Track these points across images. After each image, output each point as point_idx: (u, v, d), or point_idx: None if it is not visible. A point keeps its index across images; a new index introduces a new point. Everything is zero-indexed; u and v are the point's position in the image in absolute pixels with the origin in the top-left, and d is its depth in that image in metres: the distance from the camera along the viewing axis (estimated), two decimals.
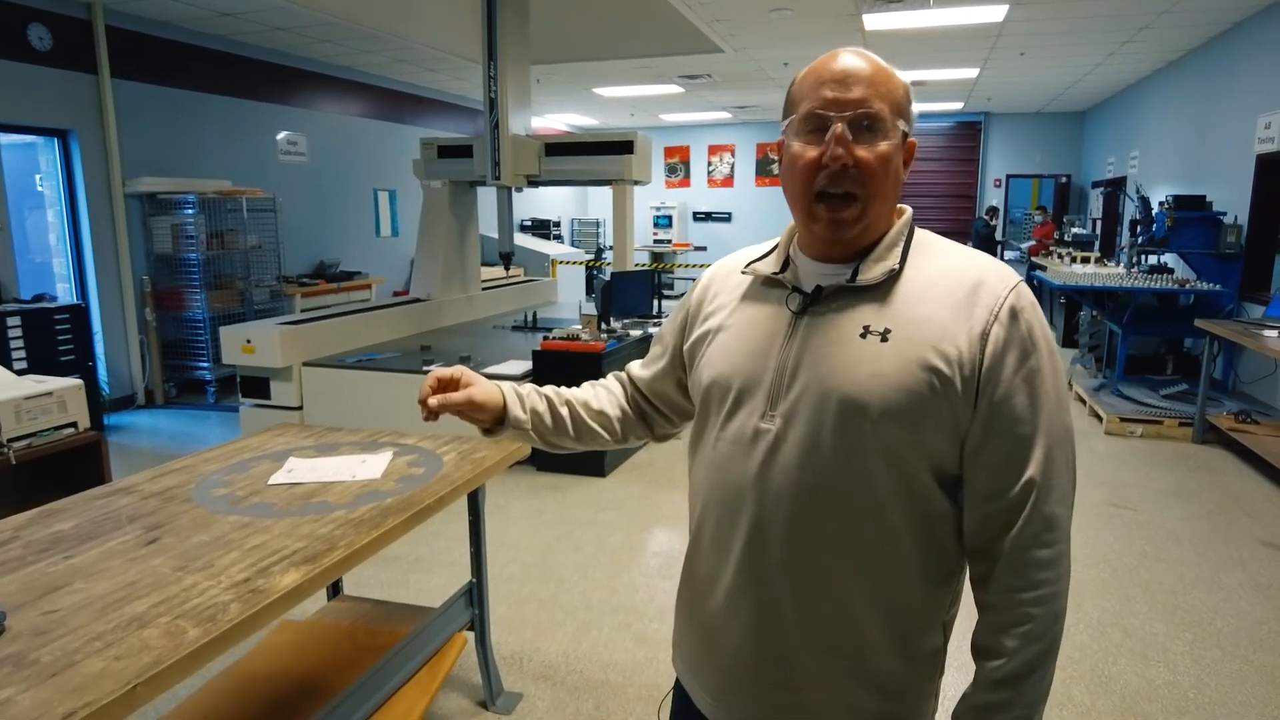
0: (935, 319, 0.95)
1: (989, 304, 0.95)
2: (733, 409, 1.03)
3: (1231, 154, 6.38)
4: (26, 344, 5.07)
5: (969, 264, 1.00)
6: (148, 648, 1.25)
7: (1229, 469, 4.72)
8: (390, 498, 1.91)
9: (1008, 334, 0.94)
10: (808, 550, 0.98)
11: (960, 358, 0.93)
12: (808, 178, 0.97)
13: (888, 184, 0.97)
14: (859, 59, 0.97)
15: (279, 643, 2.36)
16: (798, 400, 0.97)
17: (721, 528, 1.04)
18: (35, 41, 5.47)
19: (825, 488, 0.96)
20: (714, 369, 1.07)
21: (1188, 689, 2.58)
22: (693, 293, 1.20)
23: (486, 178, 5.74)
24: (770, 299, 1.06)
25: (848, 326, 0.97)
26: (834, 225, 0.98)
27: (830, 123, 0.95)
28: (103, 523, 1.77)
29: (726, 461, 1.03)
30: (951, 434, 0.95)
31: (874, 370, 0.94)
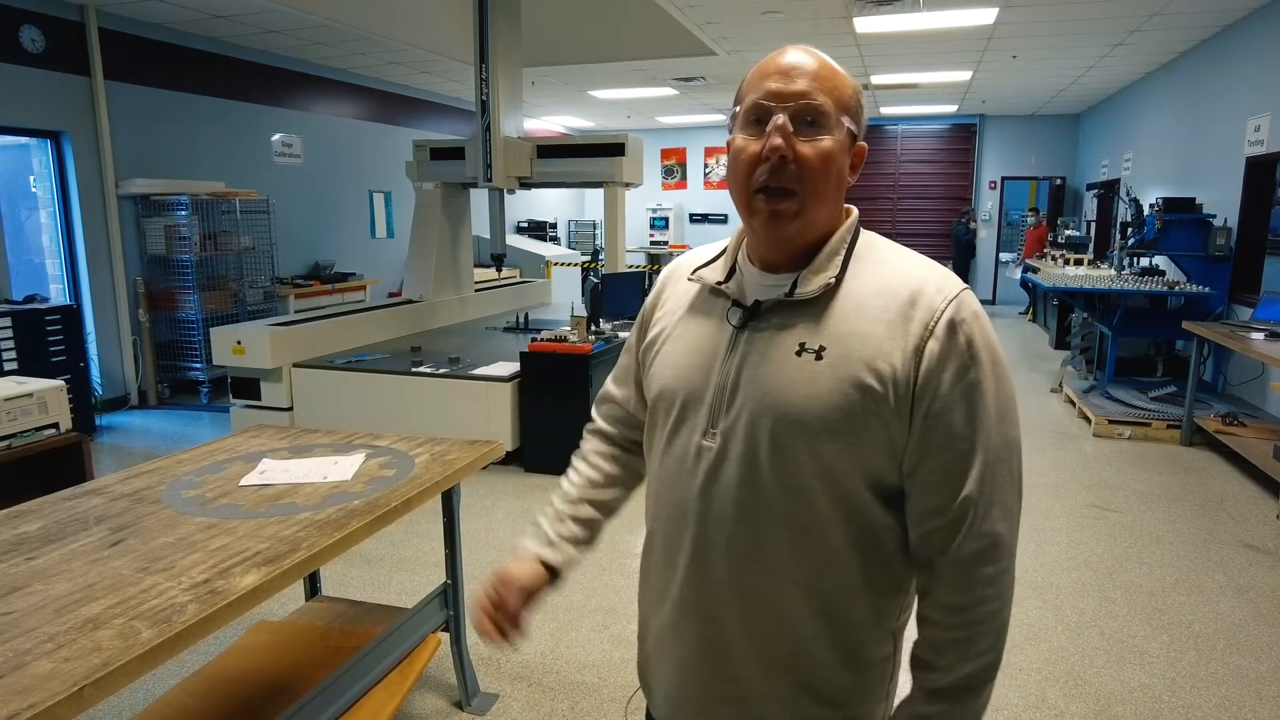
0: (870, 335, 0.93)
1: (924, 319, 0.92)
2: (676, 424, 1.02)
3: (1222, 156, 6.38)
4: (17, 345, 5.09)
5: (908, 274, 0.96)
6: (99, 649, 1.26)
7: (1215, 471, 4.73)
8: (358, 500, 1.92)
9: (944, 348, 0.91)
10: (750, 569, 0.98)
11: (895, 375, 0.91)
12: (748, 171, 0.95)
13: (829, 183, 0.95)
14: (806, 55, 0.96)
15: (253, 643, 2.37)
16: (736, 419, 0.96)
17: (669, 543, 1.04)
18: (28, 43, 5.49)
19: (765, 507, 0.96)
20: (660, 381, 1.06)
21: (1162, 691, 2.59)
22: (649, 297, 1.18)
23: (478, 179, 5.77)
24: (714, 310, 1.04)
25: (784, 344, 0.96)
26: (772, 218, 0.95)
27: (773, 114, 0.93)
28: (69, 524, 1.78)
29: (672, 478, 1.03)
30: (887, 451, 0.93)
31: (808, 390, 0.93)
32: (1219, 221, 6.11)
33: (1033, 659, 2.76)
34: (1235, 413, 5.11)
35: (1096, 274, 7.16)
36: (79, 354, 5.49)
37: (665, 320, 1.10)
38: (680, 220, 14.00)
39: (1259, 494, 4.34)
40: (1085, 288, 6.19)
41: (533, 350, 4.70)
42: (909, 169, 12.80)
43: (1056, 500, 4.25)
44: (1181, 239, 6.21)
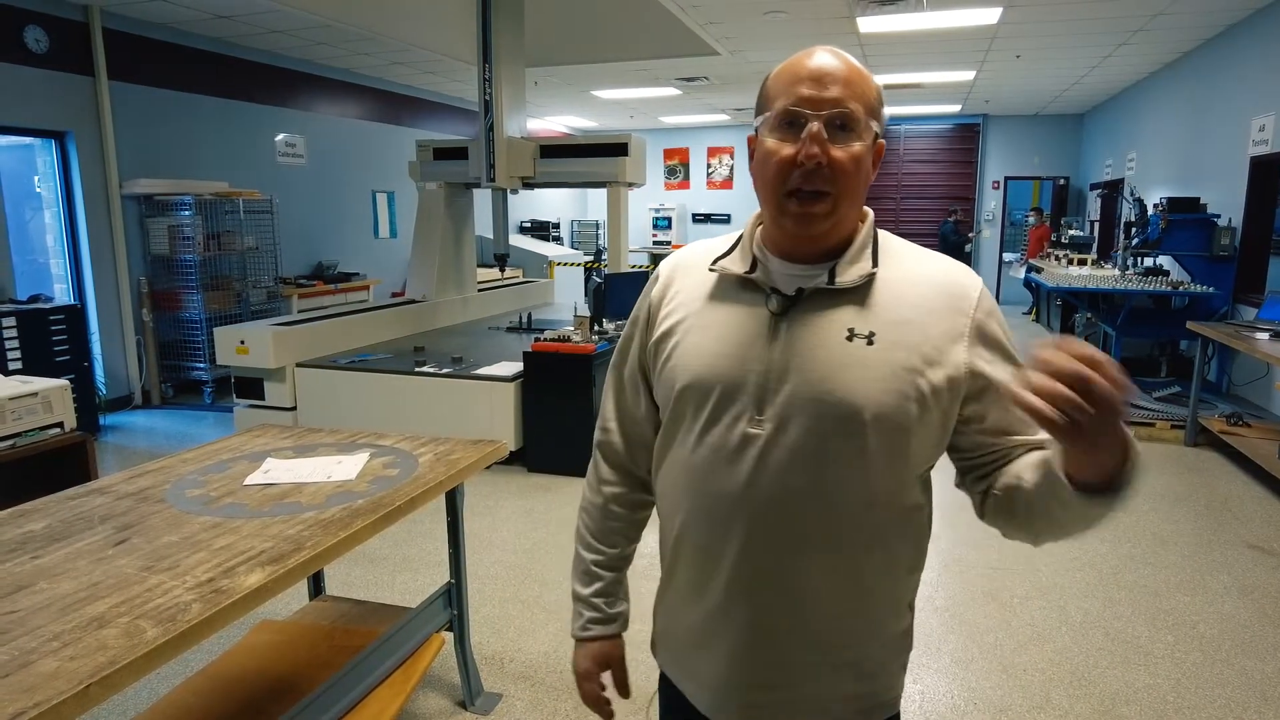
0: (916, 322, 0.98)
1: (964, 307, 0.99)
2: (715, 413, 1.01)
3: (1226, 156, 6.37)
4: (21, 344, 5.10)
5: (936, 266, 1.03)
6: (104, 647, 1.26)
7: (1219, 472, 4.71)
8: (362, 499, 1.92)
9: (983, 333, 0.99)
10: (800, 555, 1.00)
11: (943, 360, 0.97)
12: (781, 175, 0.97)
13: (859, 184, 0.98)
14: (835, 58, 0.98)
15: (257, 642, 2.37)
16: (788, 404, 0.97)
17: (710, 535, 1.03)
18: (32, 44, 5.50)
19: (818, 492, 0.98)
20: (689, 372, 1.04)
21: (1167, 692, 2.58)
22: (651, 290, 1.16)
23: (481, 180, 5.77)
24: (743, 299, 1.04)
25: (831, 329, 0.98)
26: (804, 219, 0.98)
27: (806, 120, 0.95)
28: (74, 523, 1.79)
29: (709, 469, 1.02)
30: (932, 433, 0.99)
31: (863, 374, 0.96)
32: (1223, 221, 6.10)
33: (1037, 660, 2.76)
34: (1240, 413, 5.10)
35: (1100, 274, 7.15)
36: (83, 354, 5.50)
37: (680, 312, 1.08)
38: (683, 220, 13.99)
39: (1264, 494, 4.33)
40: (1089, 288, 6.18)
41: (536, 350, 4.70)
42: (912, 169, 12.79)
43: None
44: (1185, 239, 6.20)
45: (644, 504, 1.24)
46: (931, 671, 2.69)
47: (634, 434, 1.20)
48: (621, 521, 1.24)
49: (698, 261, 1.11)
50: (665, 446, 1.10)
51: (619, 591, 1.24)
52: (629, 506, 1.24)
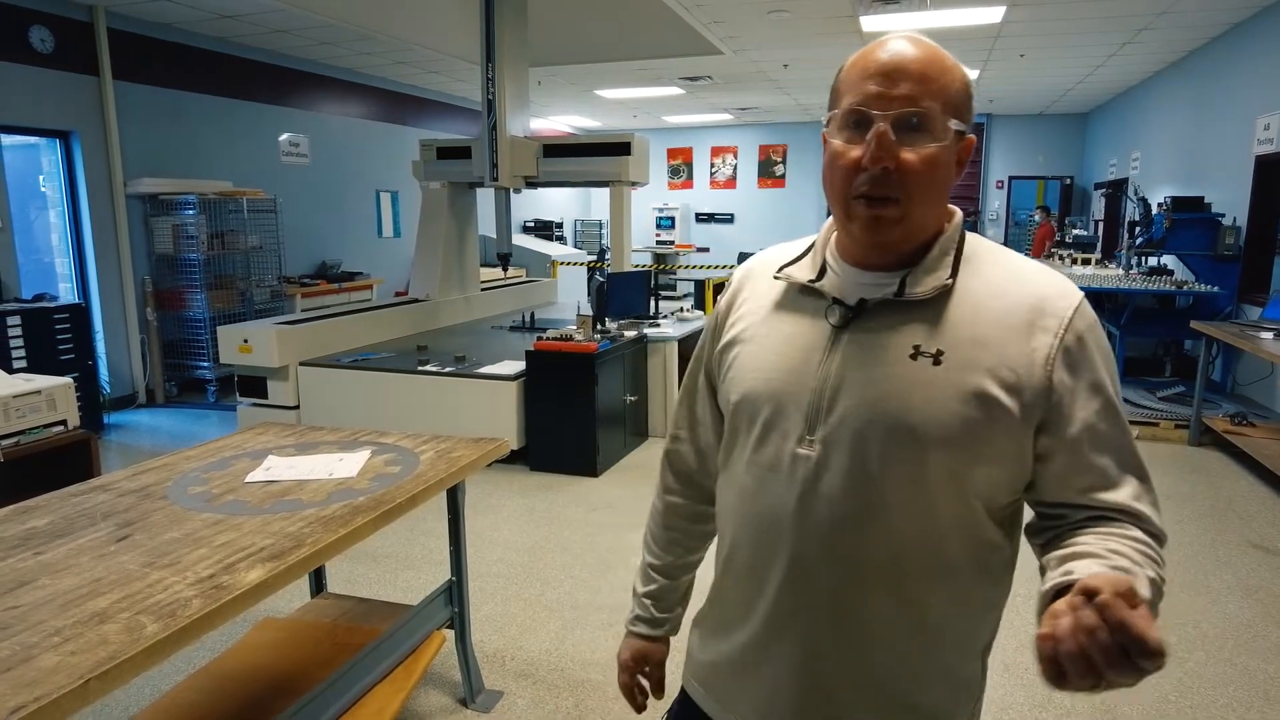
0: (992, 341, 0.87)
1: (1053, 327, 0.87)
2: (765, 431, 0.96)
3: (1230, 155, 6.35)
4: (26, 343, 5.12)
5: (1028, 279, 0.91)
6: (105, 642, 1.27)
7: (1223, 471, 4.70)
8: (362, 496, 1.93)
9: (1074, 358, 0.87)
10: (851, 584, 0.92)
11: (1021, 385, 0.86)
12: (847, 178, 0.89)
13: (934, 188, 0.89)
14: (912, 47, 0.88)
15: (259, 640, 2.37)
16: (840, 424, 0.90)
17: (757, 558, 0.98)
18: (37, 43, 5.53)
19: (871, 520, 0.90)
20: (743, 385, 0.99)
21: (1169, 691, 2.58)
22: (723, 297, 1.11)
23: (484, 179, 5.78)
24: (806, 309, 0.97)
25: (896, 345, 0.90)
26: (872, 224, 0.90)
27: (873, 120, 0.86)
28: (77, 519, 1.79)
29: (760, 489, 0.96)
30: (1006, 465, 0.89)
31: (927, 395, 0.87)
32: (1228, 221, 6.08)
33: None
34: (1244, 413, 5.09)
35: (1104, 273, 7.13)
36: (87, 352, 5.52)
37: (745, 321, 1.03)
38: (686, 220, 14.00)
39: (1268, 494, 4.31)
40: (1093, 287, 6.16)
41: (538, 349, 4.70)
42: None
43: None
44: (1190, 238, 6.18)
45: (707, 516, 1.17)
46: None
47: (703, 442, 1.15)
48: (680, 532, 1.21)
49: (768, 268, 1.05)
50: (724, 464, 1.06)
51: (672, 598, 1.23)
52: (690, 518, 1.20)
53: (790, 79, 9.15)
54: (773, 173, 13.65)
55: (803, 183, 13.50)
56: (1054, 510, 0.92)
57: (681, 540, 1.22)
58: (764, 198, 13.77)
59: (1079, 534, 0.87)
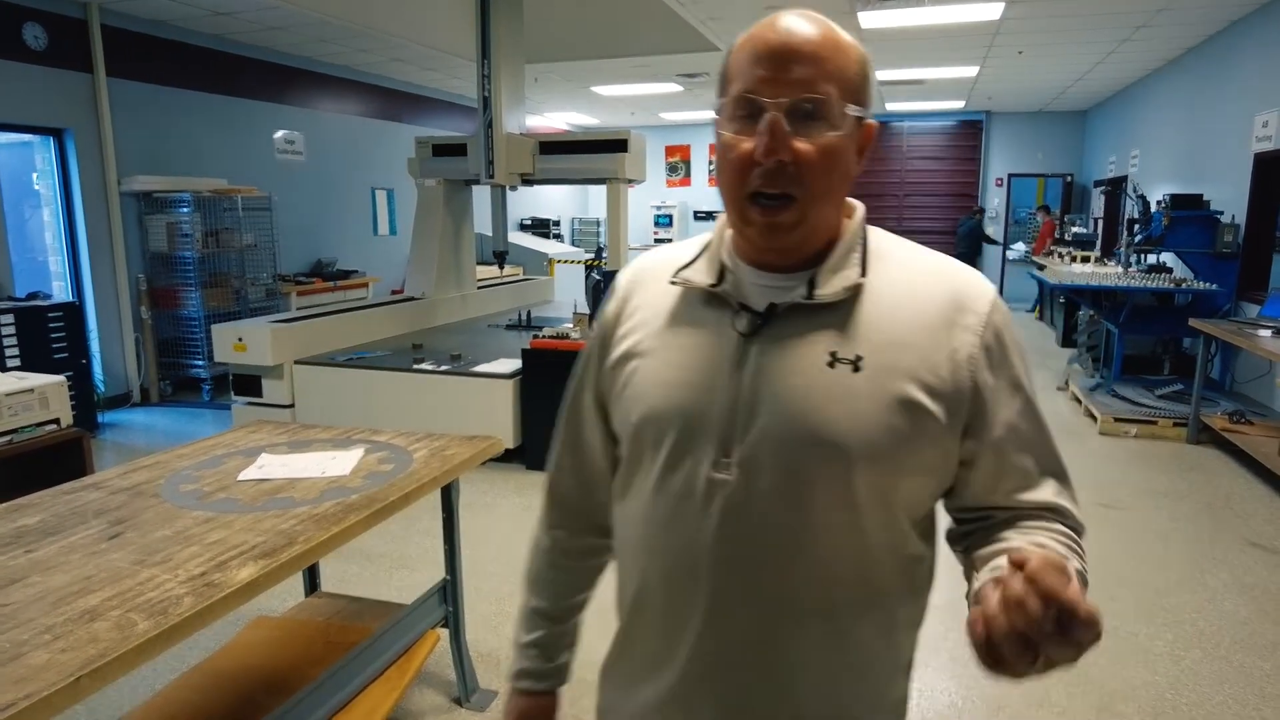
0: (911, 343, 0.82)
1: (973, 324, 0.83)
2: (674, 455, 0.85)
3: (1229, 153, 6.35)
4: (20, 341, 5.10)
5: (941, 273, 0.87)
6: (95, 640, 1.26)
7: (1221, 469, 4.70)
8: (355, 494, 1.92)
9: (994, 355, 0.84)
10: (782, 623, 0.84)
11: (944, 387, 0.81)
12: (739, 174, 0.81)
13: (833, 181, 0.82)
14: (804, 25, 0.80)
15: (252, 639, 2.36)
16: (759, 444, 0.82)
17: (672, 598, 0.88)
18: (31, 41, 5.50)
19: (800, 547, 0.83)
20: (645, 404, 0.88)
21: (1165, 689, 2.57)
22: (607, 306, 1.00)
23: (480, 176, 5.76)
24: (707, 317, 0.88)
25: (810, 353, 0.82)
26: (769, 231, 0.83)
27: (764, 109, 0.78)
28: (68, 517, 1.78)
29: (672, 519, 0.86)
30: (936, 474, 0.86)
31: (849, 407, 0.80)
32: (1226, 218, 6.08)
33: None
34: (1242, 410, 5.08)
35: (1103, 271, 7.13)
36: (81, 351, 5.50)
37: (639, 332, 0.92)
38: (684, 217, 13.98)
39: (1266, 492, 4.31)
40: (1091, 285, 6.16)
41: (534, 347, 4.69)
42: (915, 166, 12.77)
43: None
44: (1189, 236, 6.17)
45: (598, 550, 1.07)
46: (930, 669, 2.68)
47: (591, 471, 1.03)
48: (568, 572, 1.09)
49: (659, 272, 0.94)
50: (622, 492, 0.94)
51: (561, 644, 1.11)
52: (579, 555, 1.08)
53: None
54: None
55: None
56: (976, 514, 0.89)
57: (570, 579, 1.09)
58: None
59: (1003, 531, 0.86)
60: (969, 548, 0.89)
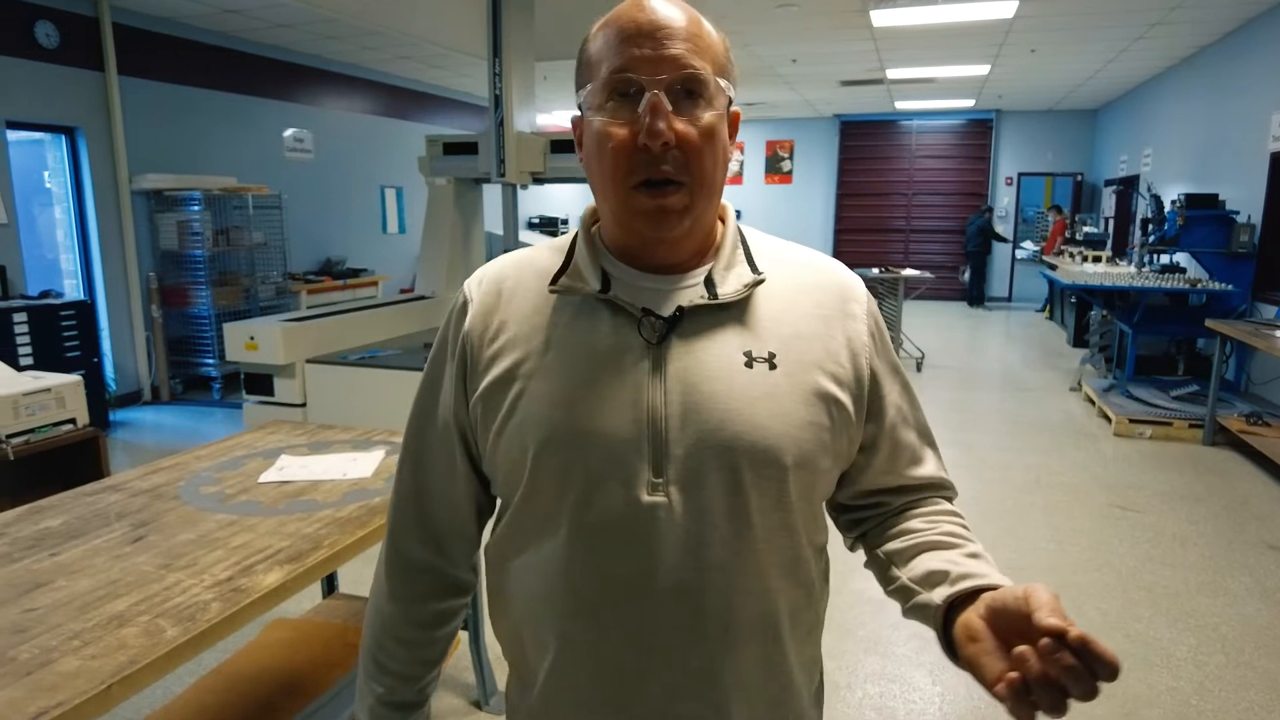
0: (813, 335, 0.82)
1: (859, 313, 0.85)
2: (594, 482, 0.77)
3: (1245, 152, 6.30)
4: (33, 340, 5.10)
5: (817, 266, 0.88)
6: (124, 646, 1.24)
7: (1239, 472, 4.66)
8: (378, 496, 1.90)
9: (877, 340, 0.86)
10: (726, 645, 0.79)
11: (846, 376, 0.82)
12: (620, 164, 0.76)
13: (717, 164, 0.78)
14: (673, 5, 0.77)
15: (271, 640, 2.35)
16: (692, 457, 0.76)
17: (605, 646, 0.79)
18: (43, 39, 5.50)
19: (744, 561, 0.78)
20: (545, 429, 0.78)
21: (1190, 695, 2.55)
22: (457, 323, 0.87)
23: (491, 175, 5.74)
24: (600, 326, 0.80)
25: (724, 354, 0.78)
26: (659, 216, 0.77)
27: (642, 89, 0.74)
28: (91, 520, 1.77)
29: (593, 559, 0.78)
30: (840, 466, 0.86)
31: (774, 407, 0.77)
32: (1242, 218, 6.04)
33: None
34: (1259, 412, 5.04)
35: (1115, 271, 7.09)
36: (93, 349, 5.50)
37: (514, 350, 0.82)
38: None
39: None
40: (1105, 285, 6.12)
41: None
42: (924, 164, 12.73)
43: (1076, 500, 4.20)
44: (1203, 236, 6.13)
45: (453, 613, 0.95)
46: (951, 673, 2.66)
47: (445, 520, 0.90)
48: (419, 647, 0.93)
49: (522, 280, 0.86)
50: (515, 538, 0.83)
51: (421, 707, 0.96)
52: (433, 622, 0.93)
53: (798, 74, 9.10)
54: (779, 168, 13.60)
55: (810, 179, 13.45)
56: (871, 500, 0.90)
57: (423, 656, 0.95)
58: (771, 194, 13.72)
59: (904, 520, 0.87)
60: (866, 536, 0.91)
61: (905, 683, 2.61)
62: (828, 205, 13.35)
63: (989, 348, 8.91)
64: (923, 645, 2.81)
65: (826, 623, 0.94)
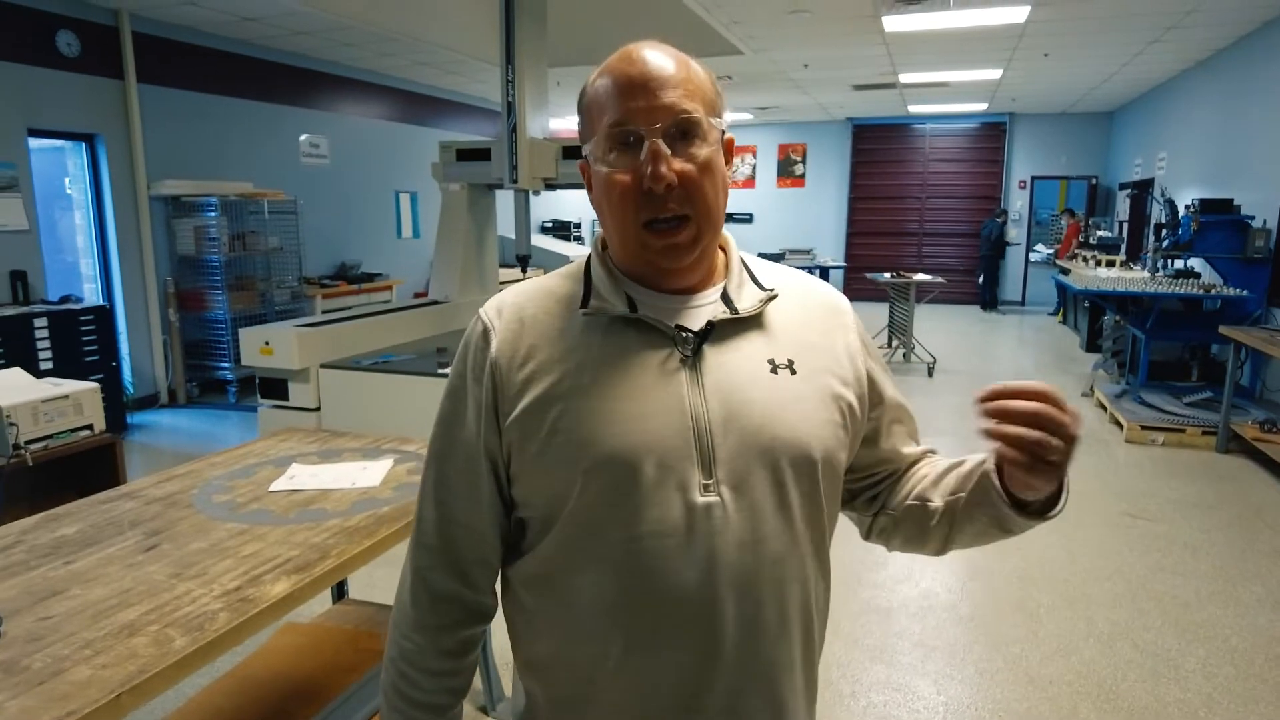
0: (819, 344, 0.92)
1: (849, 324, 0.96)
2: (650, 490, 0.81)
3: (1261, 156, 6.25)
4: (53, 344, 5.19)
5: (808, 284, 0.98)
6: (135, 656, 1.27)
7: (1252, 480, 4.63)
8: (386, 506, 1.93)
9: (866, 345, 0.97)
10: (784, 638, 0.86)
11: (849, 379, 0.92)
12: (628, 207, 0.83)
13: (717, 194, 0.86)
14: (660, 55, 0.84)
15: (281, 645, 2.39)
16: (737, 457, 0.82)
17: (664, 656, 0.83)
18: (64, 48, 5.59)
19: (790, 558, 0.85)
20: (604, 444, 0.81)
21: (1198, 707, 2.54)
22: (481, 349, 0.89)
23: (504, 181, 5.78)
24: (631, 344, 0.86)
25: (750, 364, 0.86)
26: (670, 252, 0.85)
27: (641, 138, 0.82)
28: (105, 528, 1.81)
29: (648, 565, 0.81)
30: (851, 455, 0.95)
31: (802, 410, 0.86)
32: (1257, 223, 5.98)
33: (1064, 671, 2.72)
34: (1274, 419, 5.00)
35: (1129, 276, 7.04)
36: (111, 353, 5.58)
37: (551, 372, 0.85)
38: None
39: None
40: (1118, 290, 6.08)
41: None
42: (937, 168, 12.68)
43: (1088, 508, 4.18)
44: (1218, 241, 6.08)
45: (477, 640, 0.97)
46: (956, 682, 2.66)
47: (471, 550, 0.92)
48: (451, 676, 0.94)
49: (543, 306, 0.90)
50: (561, 556, 0.85)
51: None
52: (460, 650, 0.95)
53: (810, 79, 9.09)
54: (792, 172, 13.59)
55: (822, 182, 13.42)
56: (881, 475, 1.01)
57: (457, 685, 0.96)
58: (783, 197, 13.70)
59: (912, 475, 0.99)
60: (884, 500, 1.01)
61: (910, 691, 2.61)
62: (840, 208, 13.32)
63: (1001, 352, 8.87)
64: (927, 654, 2.81)
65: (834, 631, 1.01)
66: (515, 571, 0.92)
